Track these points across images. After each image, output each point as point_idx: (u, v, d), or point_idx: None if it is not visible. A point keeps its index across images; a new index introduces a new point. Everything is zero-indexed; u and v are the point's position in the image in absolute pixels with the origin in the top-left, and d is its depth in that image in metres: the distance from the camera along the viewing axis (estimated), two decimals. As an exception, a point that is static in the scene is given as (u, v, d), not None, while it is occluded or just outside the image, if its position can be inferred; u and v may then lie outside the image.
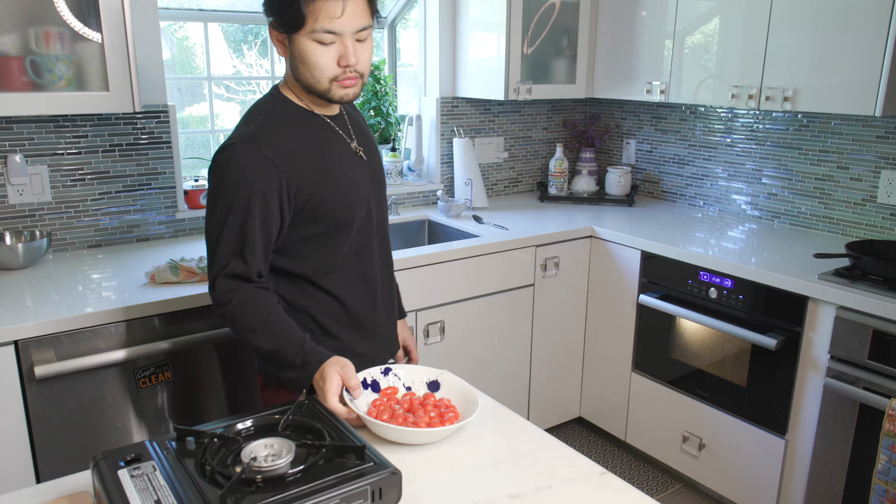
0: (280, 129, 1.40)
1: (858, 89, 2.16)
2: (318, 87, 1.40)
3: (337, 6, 1.31)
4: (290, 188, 1.38)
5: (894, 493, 1.89)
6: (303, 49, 1.35)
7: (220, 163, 1.37)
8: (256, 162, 1.35)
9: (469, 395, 1.31)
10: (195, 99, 2.91)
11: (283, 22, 1.33)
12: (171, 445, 1.01)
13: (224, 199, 1.35)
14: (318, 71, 1.37)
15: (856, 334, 1.98)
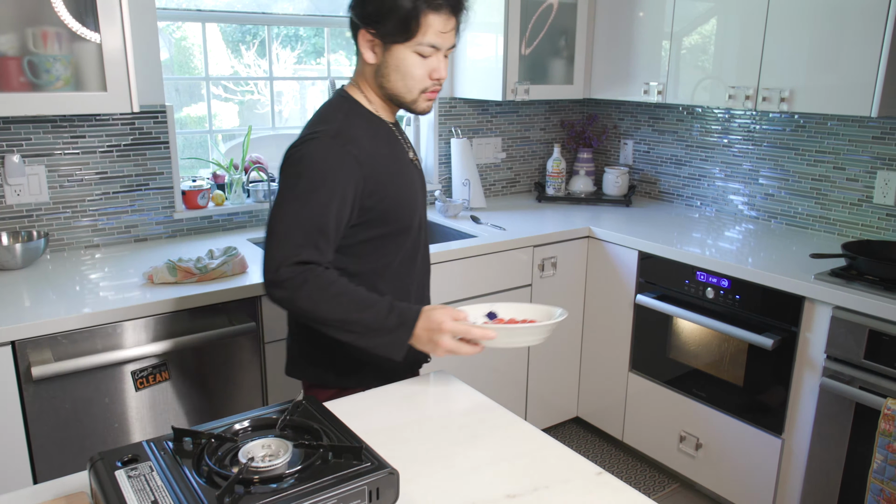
0: (360, 130, 1.43)
1: (855, 90, 2.16)
2: (408, 96, 1.45)
3: (448, 23, 1.40)
4: (366, 188, 1.40)
5: (889, 492, 1.90)
6: (402, 59, 1.40)
7: (304, 153, 1.38)
8: (342, 157, 1.37)
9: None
10: (193, 99, 2.91)
11: (393, 31, 1.37)
12: (168, 446, 1.01)
13: (304, 189, 1.35)
14: (412, 81, 1.42)
15: (852, 334, 1.99)
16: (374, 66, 1.44)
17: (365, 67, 1.47)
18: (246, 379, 2.14)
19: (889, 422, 1.88)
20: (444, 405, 1.40)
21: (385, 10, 1.36)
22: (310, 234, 1.35)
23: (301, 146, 1.39)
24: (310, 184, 1.36)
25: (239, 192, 2.70)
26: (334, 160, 1.36)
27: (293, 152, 1.40)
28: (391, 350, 1.36)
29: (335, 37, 3.21)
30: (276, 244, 1.35)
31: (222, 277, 2.10)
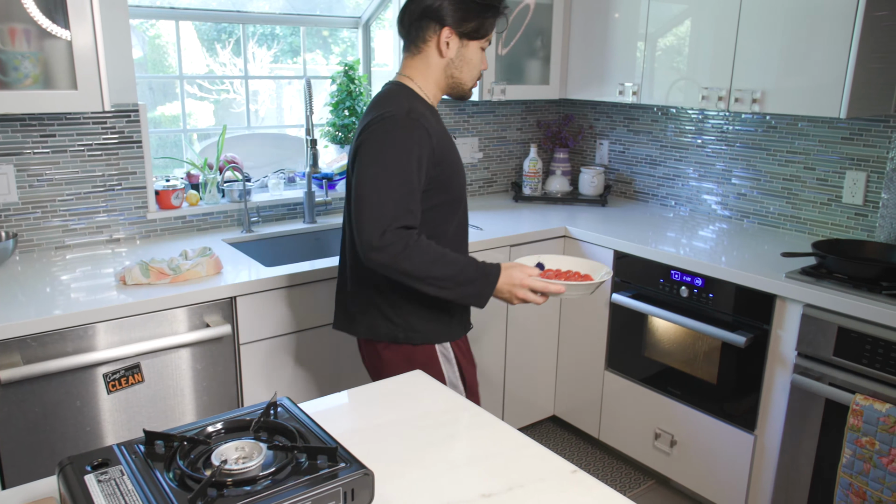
0: (423, 109, 1.66)
1: (824, 92, 2.20)
2: (469, 84, 1.76)
3: (500, 23, 1.74)
4: (434, 157, 1.62)
5: (858, 486, 1.94)
6: (472, 53, 1.71)
7: (386, 129, 1.58)
8: (417, 129, 1.59)
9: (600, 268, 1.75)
10: (167, 98, 2.87)
11: (474, 30, 1.68)
12: (139, 449, 1.00)
13: (391, 159, 1.56)
14: (475, 70, 1.74)
15: (822, 331, 2.02)
16: (445, 60, 1.70)
17: (430, 61, 1.71)
18: (221, 381, 2.12)
19: (857, 417, 1.91)
20: (419, 405, 1.40)
21: (474, 14, 1.66)
22: (404, 200, 1.56)
23: (381, 123, 1.59)
24: (395, 154, 1.57)
25: (214, 192, 2.68)
26: (412, 132, 1.58)
27: (374, 128, 1.60)
28: (478, 300, 1.63)
29: (311, 35, 3.19)
30: (376, 211, 1.54)
31: (196, 278, 2.08)
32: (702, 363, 2.40)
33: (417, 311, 1.72)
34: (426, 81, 1.73)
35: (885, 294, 1.95)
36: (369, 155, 1.58)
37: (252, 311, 2.13)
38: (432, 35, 1.68)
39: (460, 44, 1.69)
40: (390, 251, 1.53)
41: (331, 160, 3.10)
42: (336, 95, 3.10)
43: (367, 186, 1.56)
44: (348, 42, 3.30)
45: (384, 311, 1.74)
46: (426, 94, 1.73)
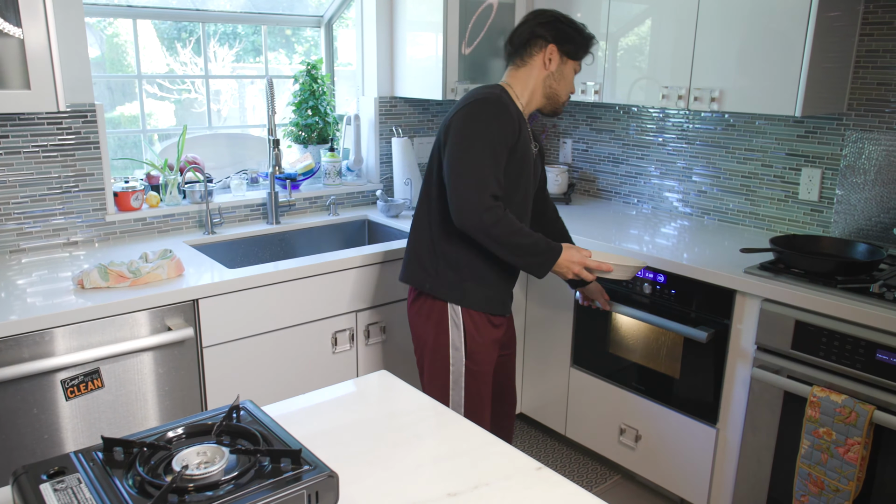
0: (510, 104, 1.97)
1: (780, 90, 2.25)
2: (561, 98, 2.09)
3: (588, 58, 2.12)
4: (513, 141, 1.92)
5: (816, 476, 1.99)
6: (569, 71, 2.06)
7: (481, 109, 1.90)
8: (507, 113, 1.91)
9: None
10: (127, 98, 2.82)
11: (573, 52, 2.04)
12: (97, 456, 0.98)
13: (485, 137, 1.87)
14: (569, 86, 2.09)
15: (780, 325, 2.07)
16: (546, 73, 2.03)
17: (532, 73, 2.03)
18: (184, 385, 2.09)
19: (815, 408, 1.96)
20: (385, 406, 1.39)
21: (579, 39, 2.03)
22: (495, 172, 1.87)
23: (478, 104, 1.91)
24: (489, 132, 1.87)
25: (174, 194, 2.64)
26: (502, 115, 1.90)
27: (470, 108, 1.91)
28: (539, 270, 1.96)
29: (274, 35, 3.16)
30: (476, 181, 1.85)
31: (157, 281, 2.04)
32: (665, 359, 2.43)
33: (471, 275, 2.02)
34: (524, 90, 2.04)
35: (841, 288, 2.01)
36: (465, 131, 1.89)
37: (215, 313, 2.10)
38: (539, 50, 2.02)
39: (560, 60, 2.03)
40: (486, 217, 1.84)
41: (294, 160, 3.07)
42: (299, 95, 3.08)
43: (467, 161, 1.87)
44: (312, 41, 3.28)
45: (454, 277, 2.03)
46: (521, 101, 2.04)
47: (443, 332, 2.05)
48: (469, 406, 2.11)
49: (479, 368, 2.09)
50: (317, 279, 2.31)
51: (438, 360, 2.08)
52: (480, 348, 2.07)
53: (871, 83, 2.36)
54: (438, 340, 2.07)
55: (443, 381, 2.09)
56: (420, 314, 2.10)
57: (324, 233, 2.90)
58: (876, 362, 1.88)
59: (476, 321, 2.05)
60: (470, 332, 2.05)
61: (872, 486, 1.94)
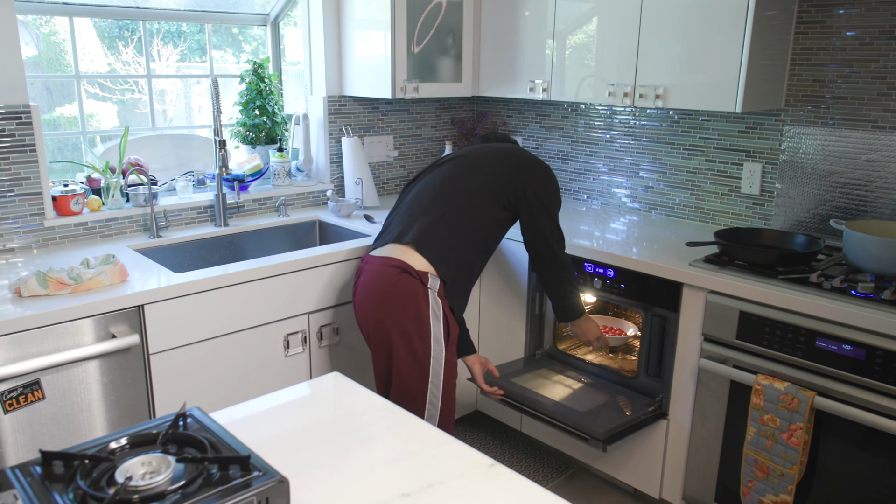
0: None
1: (720, 87, 2.31)
2: None
3: None
4: None
5: (762, 462, 2.05)
6: None
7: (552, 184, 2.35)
8: None
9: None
10: (66, 98, 2.73)
11: None
12: (35, 471, 0.95)
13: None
14: None
15: (725, 316, 2.12)
16: None
17: None
18: (131, 393, 2.03)
19: (759, 396, 2.02)
20: (338, 408, 1.38)
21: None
22: None
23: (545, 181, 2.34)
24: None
25: (117, 197, 2.56)
26: None
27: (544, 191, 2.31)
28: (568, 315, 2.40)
29: (221, 33, 3.10)
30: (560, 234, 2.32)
31: (100, 287, 1.98)
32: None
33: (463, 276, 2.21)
34: None
35: (782, 279, 2.07)
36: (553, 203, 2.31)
37: (162, 319, 2.05)
38: None
39: None
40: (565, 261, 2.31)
41: (242, 161, 3.02)
42: (246, 94, 3.03)
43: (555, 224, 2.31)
44: (259, 40, 3.23)
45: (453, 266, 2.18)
46: None
47: (424, 323, 2.09)
48: (445, 399, 2.15)
49: (454, 359, 2.19)
50: (267, 281, 2.28)
51: (416, 353, 2.08)
52: (454, 339, 2.18)
53: (806, 80, 2.44)
54: (419, 332, 2.08)
55: (419, 373, 2.10)
56: (400, 301, 2.09)
57: (274, 234, 2.86)
58: (816, 350, 1.94)
59: (448, 312, 2.15)
60: (451, 324, 2.15)
61: (815, 470, 2.01)
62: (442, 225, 2.17)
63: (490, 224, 2.24)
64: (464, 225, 2.19)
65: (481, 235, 2.23)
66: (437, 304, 2.10)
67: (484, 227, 2.23)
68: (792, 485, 1.99)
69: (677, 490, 2.38)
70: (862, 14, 2.29)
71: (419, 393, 2.10)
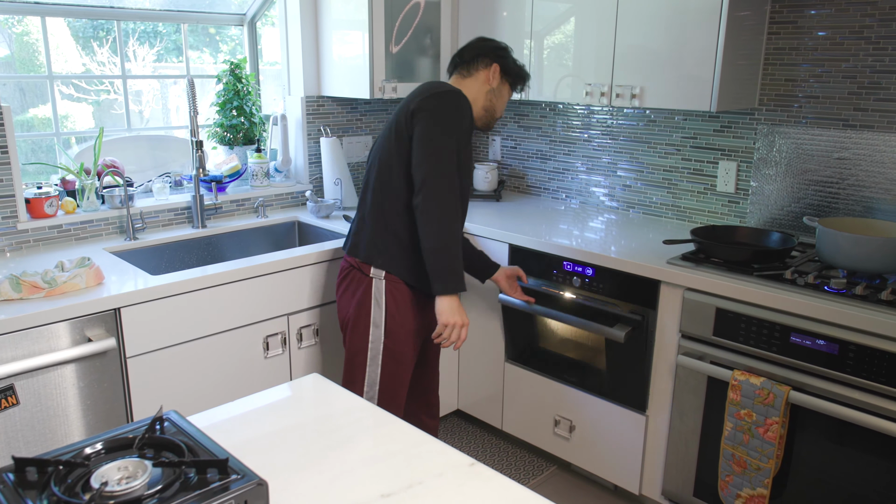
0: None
1: (695, 87, 2.34)
2: (497, 114, 2.28)
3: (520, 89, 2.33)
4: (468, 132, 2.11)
5: (739, 456, 2.07)
6: (506, 93, 2.28)
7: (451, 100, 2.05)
8: (468, 106, 2.10)
9: None
10: (40, 99, 2.69)
11: (515, 81, 2.28)
12: (8, 478, 0.93)
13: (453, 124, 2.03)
14: (503, 106, 2.29)
15: (701, 313, 2.15)
16: (489, 88, 2.22)
17: (475, 84, 2.21)
18: (108, 398, 2.01)
19: (736, 392, 2.05)
20: (317, 409, 1.38)
21: (517, 74, 2.27)
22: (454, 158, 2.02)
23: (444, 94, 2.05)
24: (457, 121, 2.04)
25: (92, 199, 2.53)
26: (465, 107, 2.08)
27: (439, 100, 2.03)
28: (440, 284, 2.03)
29: (198, 34, 3.08)
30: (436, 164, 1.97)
31: (75, 290, 1.96)
32: (595, 349, 2.49)
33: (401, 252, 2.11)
34: (463, 90, 2.15)
35: (757, 276, 2.10)
36: (439, 116, 2.01)
37: (139, 322, 2.03)
38: (485, 67, 2.20)
39: (501, 80, 2.23)
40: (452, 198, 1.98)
41: (220, 162, 3.00)
42: (223, 95, 3.00)
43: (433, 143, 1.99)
44: (237, 40, 3.21)
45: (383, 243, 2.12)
46: None
47: (365, 309, 2.13)
48: (385, 385, 2.18)
49: (397, 348, 2.17)
50: (246, 283, 2.26)
51: (357, 337, 2.16)
52: (400, 329, 2.16)
53: (779, 79, 2.47)
54: (360, 317, 2.15)
55: (361, 358, 2.16)
56: (347, 291, 2.19)
57: (252, 235, 2.85)
58: (790, 345, 1.97)
59: (397, 300, 2.13)
60: (390, 311, 2.13)
61: (790, 463, 2.04)
62: (363, 226, 2.17)
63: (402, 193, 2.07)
64: (384, 217, 2.11)
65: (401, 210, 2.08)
66: (380, 291, 2.12)
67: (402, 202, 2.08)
68: (768, 478, 2.02)
69: (657, 486, 2.41)
70: (833, 15, 2.32)
71: (359, 375, 2.18)
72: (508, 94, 2.29)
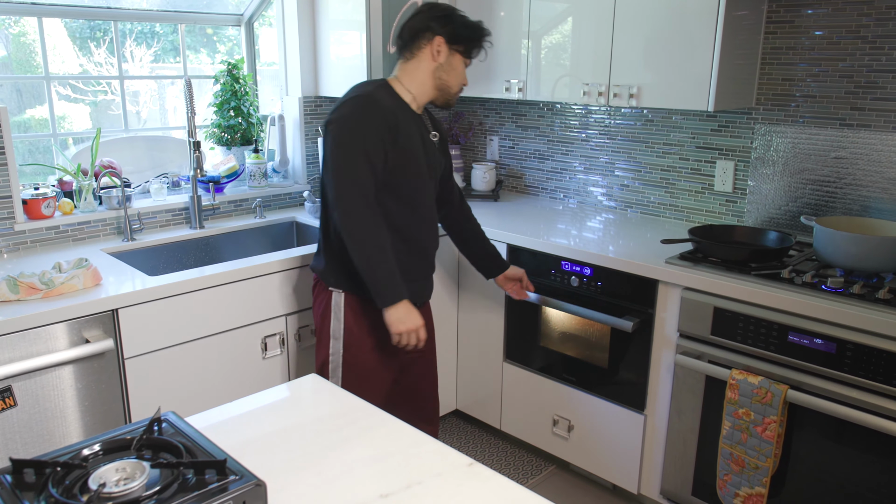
0: (389, 100, 2.00)
1: (693, 86, 2.34)
2: (454, 88, 2.10)
3: (480, 54, 2.14)
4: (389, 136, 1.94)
5: (737, 455, 2.08)
6: (458, 63, 2.08)
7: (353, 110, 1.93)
8: (374, 112, 1.93)
9: None
10: (37, 100, 2.69)
11: (468, 47, 2.07)
12: (5, 480, 0.93)
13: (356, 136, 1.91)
14: (460, 78, 2.10)
15: (699, 312, 2.15)
16: (435, 65, 2.05)
17: (420, 65, 2.05)
18: (106, 399, 2.01)
19: (734, 391, 2.05)
20: (315, 410, 1.38)
21: (466, 34, 2.05)
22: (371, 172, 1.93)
23: (344, 105, 1.94)
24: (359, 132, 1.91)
25: (90, 200, 2.53)
26: (370, 114, 1.93)
27: (341, 111, 1.94)
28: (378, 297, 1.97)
29: (195, 34, 3.08)
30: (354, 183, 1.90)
31: (72, 292, 1.96)
32: (593, 349, 2.50)
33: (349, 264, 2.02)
34: (412, 82, 2.06)
35: (755, 275, 2.10)
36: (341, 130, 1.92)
37: (137, 323, 2.03)
38: (427, 43, 2.03)
39: (449, 52, 2.04)
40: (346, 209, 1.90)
41: (218, 162, 3.00)
42: (220, 95, 3.00)
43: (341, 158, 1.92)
44: (234, 40, 3.20)
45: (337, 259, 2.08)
46: (411, 94, 2.06)
47: (327, 321, 2.11)
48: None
49: (357, 362, 2.12)
50: (244, 283, 2.26)
51: (322, 348, 2.15)
52: (360, 342, 2.10)
53: (776, 79, 2.48)
54: (323, 329, 2.13)
55: (325, 371, 2.16)
56: (315, 302, 2.19)
57: (250, 236, 2.84)
58: (788, 344, 1.97)
59: (357, 313, 2.08)
60: (348, 324, 2.08)
61: (788, 462, 2.04)
62: (320, 241, 2.14)
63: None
64: (328, 233, 2.09)
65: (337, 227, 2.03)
66: (339, 305, 2.08)
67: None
68: (766, 477, 2.03)
69: (655, 485, 2.41)
70: (829, 14, 2.33)
71: None
72: (464, 64, 2.10)
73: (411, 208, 2.06)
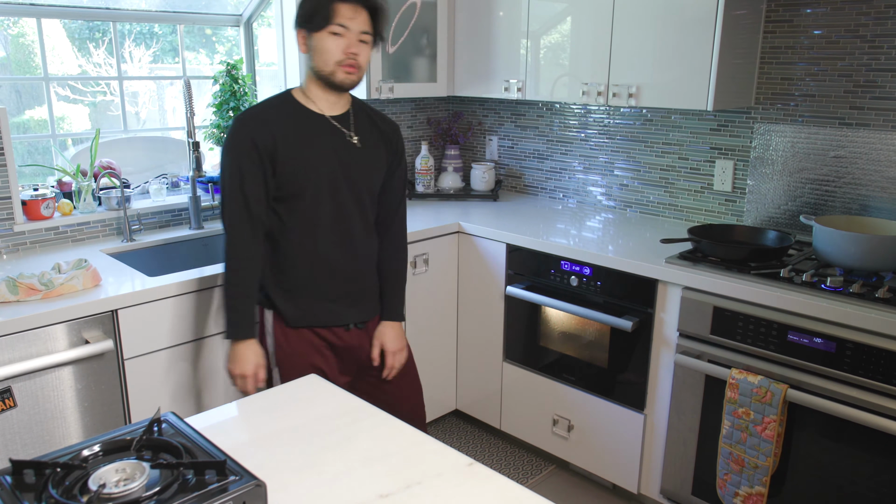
0: (273, 113, 1.89)
1: (692, 86, 2.34)
2: (326, 69, 1.87)
3: (356, 10, 1.84)
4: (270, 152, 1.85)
5: (737, 454, 2.08)
6: (321, 42, 1.85)
7: (228, 133, 1.87)
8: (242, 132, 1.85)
9: None
10: (36, 101, 2.68)
11: (313, 23, 1.84)
12: (5, 481, 0.93)
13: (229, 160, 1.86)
14: (327, 57, 1.86)
15: (699, 312, 2.15)
16: (306, 57, 1.91)
17: (305, 62, 1.92)
18: (105, 400, 2.00)
19: (734, 390, 2.05)
20: (314, 410, 1.38)
21: (308, 9, 1.85)
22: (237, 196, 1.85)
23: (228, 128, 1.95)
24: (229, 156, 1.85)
25: (89, 201, 2.53)
26: (237, 134, 1.85)
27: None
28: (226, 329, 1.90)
29: (194, 34, 3.07)
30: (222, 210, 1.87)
31: (72, 292, 1.95)
32: (593, 349, 2.50)
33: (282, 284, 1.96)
34: (310, 84, 1.95)
35: (754, 274, 2.10)
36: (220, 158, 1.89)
37: (136, 323, 2.03)
38: (299, 40, 1.92)
39: (309, 38, 1.88)
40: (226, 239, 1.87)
41: (217, 163, 3.00)
42: (219, 96, 3.00)
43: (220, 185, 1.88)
44: (233, 41, 3.20)
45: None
46: (308, 93, 1.95)
47: (263, 338, 1.99)
48: None
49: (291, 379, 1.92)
50: (243, 284, 2.26)
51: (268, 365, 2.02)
52: (291, 360, 1.98)
53: (775, 78, 2.48)
54: (263, 345, 1.98)
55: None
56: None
57: (250, 236, 2.84)
58: (788, 343, 1.97)
59: (286, 332, 1.97)
60: (279, 342, 1.97)
61: (788, 461, 2.04)
62: None
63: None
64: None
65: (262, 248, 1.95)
66: (269, 322, 1.97)
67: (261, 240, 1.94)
68: (766, 476, 2.03)
69: (655, 484, 2.41)
70: (828, 13, 2.33)
71: None
72: (324, 40, 1.85)
73: (312, 225, 1.91)
